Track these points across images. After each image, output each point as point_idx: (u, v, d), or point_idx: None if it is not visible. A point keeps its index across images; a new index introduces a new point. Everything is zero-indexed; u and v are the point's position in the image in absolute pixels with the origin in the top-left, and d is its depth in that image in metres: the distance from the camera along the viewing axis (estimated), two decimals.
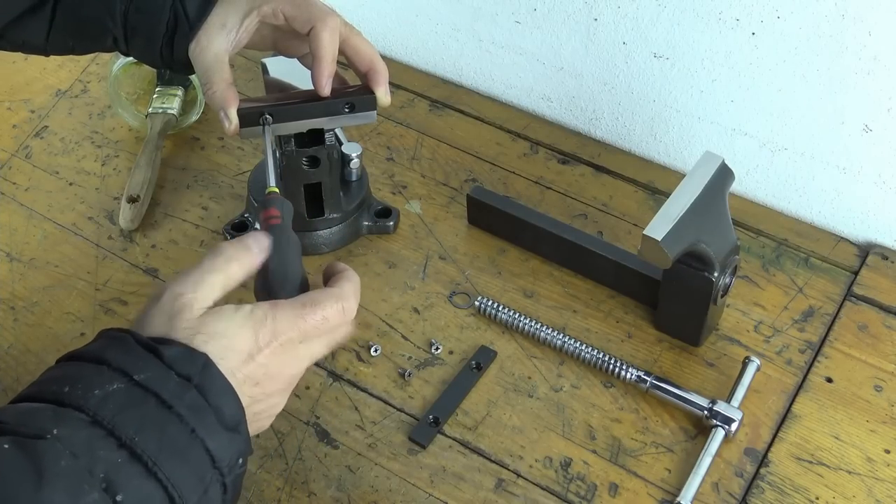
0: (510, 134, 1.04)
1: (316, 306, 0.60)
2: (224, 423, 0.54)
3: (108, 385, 0.52)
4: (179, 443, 0.52)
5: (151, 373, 0.53)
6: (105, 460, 0.50)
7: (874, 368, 0.84)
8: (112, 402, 0.52)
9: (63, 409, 0.51)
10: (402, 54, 1.13)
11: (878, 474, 0.77)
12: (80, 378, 0.53)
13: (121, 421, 0.51)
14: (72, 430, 0.50)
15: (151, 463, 0.51)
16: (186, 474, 0.52)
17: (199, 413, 0.53)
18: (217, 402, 0.54)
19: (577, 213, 0.96)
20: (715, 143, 0.98)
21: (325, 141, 0.86)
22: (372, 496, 0.76)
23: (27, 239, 0.94)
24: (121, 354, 0.54)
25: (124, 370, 0.53)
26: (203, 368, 0.54)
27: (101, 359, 0.54)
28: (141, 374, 0.53)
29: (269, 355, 0.58)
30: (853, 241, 0.94)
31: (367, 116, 0.81)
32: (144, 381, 0.53)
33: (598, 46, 0.99)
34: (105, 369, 0.53)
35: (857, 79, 0.86)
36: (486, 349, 0.84)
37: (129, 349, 0.54)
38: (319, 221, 0.91)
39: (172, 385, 0.53)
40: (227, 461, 0.54)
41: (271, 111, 0.79)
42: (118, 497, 0.49)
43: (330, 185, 0.89)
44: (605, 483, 0.76)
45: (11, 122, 1.06)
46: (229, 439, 0.54)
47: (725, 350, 0.85)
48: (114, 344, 0.55)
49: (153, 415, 0.52)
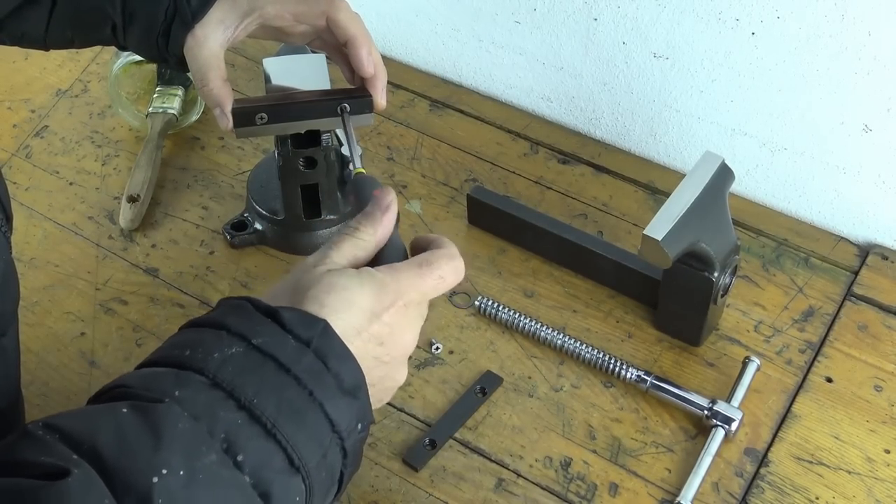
0: (510, 134, 1.04)
1: (432, 266, 0.60)
2: (342, 387, 0.54)
3: (227, 349, 0.53)
4: (297, 405, 0.52)
5: (269, 337, 0.53)
6: (225, 421, 0.50)
7: (874, 368, 0.84)
8: (231, 366, 0.52)
9: (184, 371, 0.52)
10: (402, 54, 1.13)
11: (877, 474, 0.77)
12: (200, 342, 0.54)
13: (240, 383, 0.51)
14: (192, 392, 0.51)
15: (271, 424, 0.51)
16: (305, 437, 0.52)
17: (317, 376, 0.53)
18: (335, 366, 0.54)
19: (578, 213, 0.96)
20: (715, 143, 0.98)
21: (321, 142, 0.86)
22: (372, 496, 0.76)
23: (27, 238, 0.94)
24: (240, 320, 0.54)
25: (243, 334, 0.53)
26: (322, 332, 0.54)
27: (221, 324, 0.54)
28: (259, 338, 0.53)
29: (393, 314, 0.58)
30: (853, 241, 0.94)
31: (363, 119, 0.81)
32: (262, 345, 0.53)
33: (597, 46, 0.99)
34: (224, 334, 0.54)
35: (857, 79, 0.86)
36: (492, 375, 0.83)
37: (249, 315, 0.55)
38: (317, 222, 0.91)
39: (290, 349, 0.53)
40: (345, 425, 0.54)
41: (267, 111, 0.79)
42: (239, 457, 0.50)
43: (327, 186, 0.89)
44: (605, 483, 0.77)
45: (12, 122, 1.06)
46: (347, 404, 0.54)
47: (725, 350, 0.85)
48: (233, 310, 0.56)
49: (271, 378, 0.52)
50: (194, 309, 0.88)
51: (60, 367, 0.84)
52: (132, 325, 0.87)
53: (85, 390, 0.82)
